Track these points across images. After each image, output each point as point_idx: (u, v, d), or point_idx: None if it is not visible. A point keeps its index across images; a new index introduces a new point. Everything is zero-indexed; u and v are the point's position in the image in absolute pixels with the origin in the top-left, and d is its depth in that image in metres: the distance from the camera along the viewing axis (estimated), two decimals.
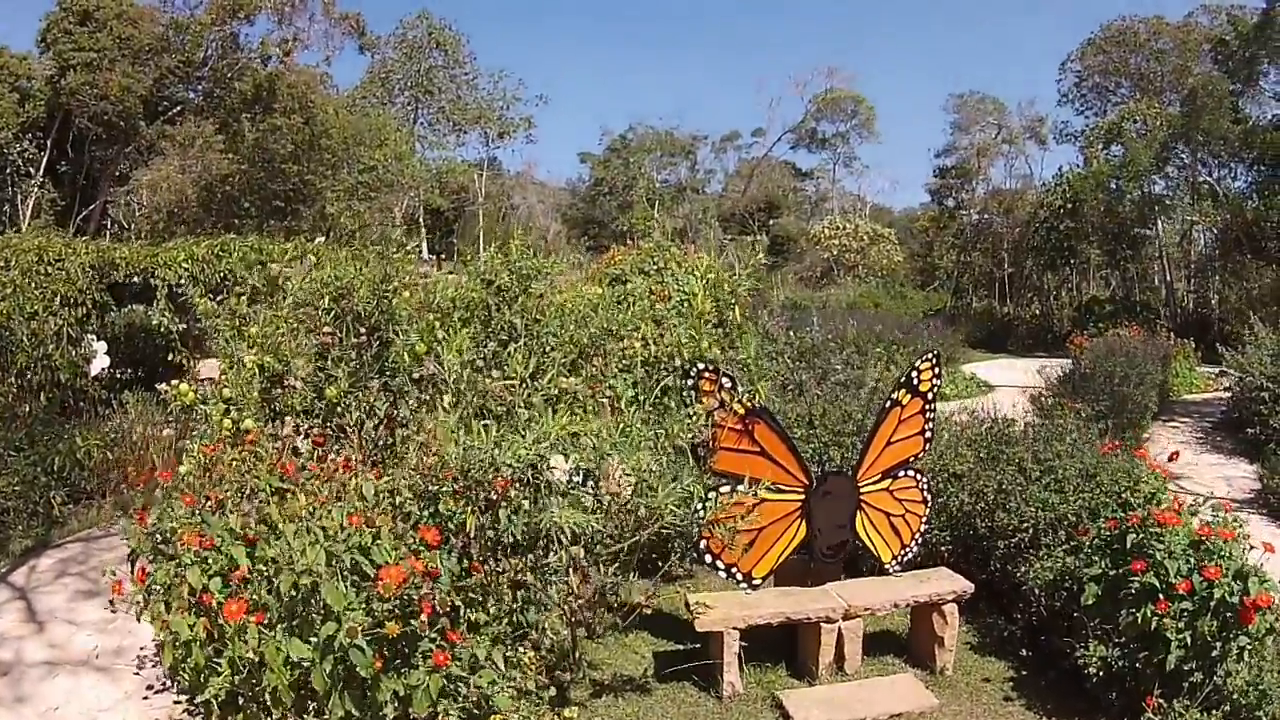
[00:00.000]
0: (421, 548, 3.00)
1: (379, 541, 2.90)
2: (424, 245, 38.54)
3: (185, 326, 11.21)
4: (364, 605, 2.81)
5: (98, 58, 22.67)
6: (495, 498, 3.06)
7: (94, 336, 11.09)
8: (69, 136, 24.50)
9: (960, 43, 73.27)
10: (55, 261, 11.08)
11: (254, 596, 3.06)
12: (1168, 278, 26.90)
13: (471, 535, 3.09)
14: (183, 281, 11.52)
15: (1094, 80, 31.03)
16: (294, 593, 2.82)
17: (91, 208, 25.41)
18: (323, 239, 13.84)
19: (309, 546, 2.87)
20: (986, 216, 34.14)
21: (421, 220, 37.66)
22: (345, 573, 2.80)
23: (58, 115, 23.84)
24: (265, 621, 3.00)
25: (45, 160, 24.16)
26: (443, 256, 36.52)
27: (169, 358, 11.76)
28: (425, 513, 3.13)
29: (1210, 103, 22.54)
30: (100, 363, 11.08)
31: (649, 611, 3.59)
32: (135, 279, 11.99)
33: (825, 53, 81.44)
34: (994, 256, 33.01)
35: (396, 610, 2.86)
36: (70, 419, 9.15)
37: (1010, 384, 16.28)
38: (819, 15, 73.97)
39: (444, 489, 3.07)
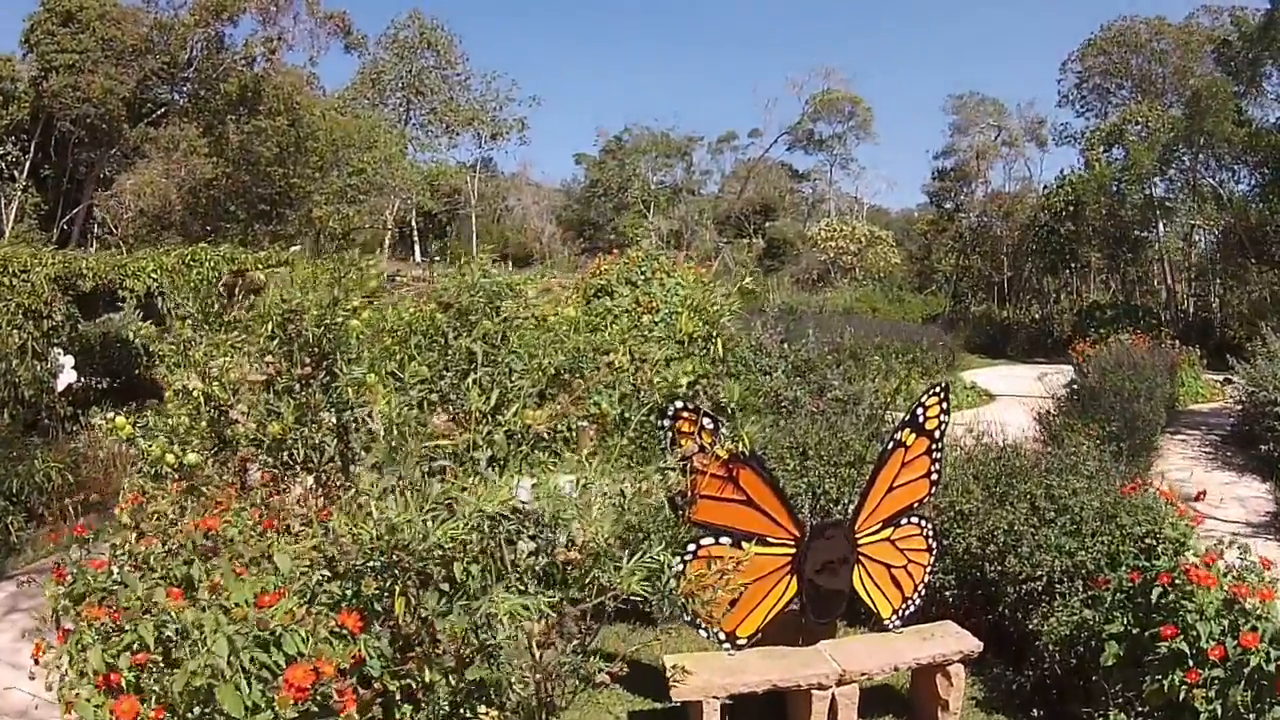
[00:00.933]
0: (344, 633, 2.59)
1: (292, 628, 2.49)
2: (416, 249, 38.11)
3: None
4: (270, 706, 2.39)
5: (80, 59, 22.21)
6: (429, 571, 2.65)
7: (60, 350, 10.65)
8: (52, 139, 24.06)
9: (960, 43, 73.00)
10: (20, 273, 10.66)
11: (154, 686, 2.64)
12: (1169, 281, 26.56)
13: (400, 621, 2.67)
14: (150, 291, 11.14)
15: (1094, 81, 30.73)
16: (190, 690, 2.41)
17: (75, 212, 24.96)
18: (298, 248, 13.41)
19: (211, 635, 2.45)
20: (986, 219, 33.78)
21: (414, 223, 37.20)
22: (250, 666, 2.40)
23: (41, 118, 23.39)
24: (166, 714, 2.59)
25: (29, 163, 23.70)
26: (436, 260, 36.10)
27: (136, 372, 11.27)
28: (347, 592, 2.71)
29: (1213, 105, 22.17)
30: (67, 377, 10.62)
31: (618, 685, 3.17)
32: (111, 287, 11.57)
33: (823, 52, 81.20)
34: (993, 260, 32.65)
35: (314, 710, 2.45)
36: (34, 437, 8.75)
37: (1011, 393, 15.88)
38: (818, 15, 73.59)
39: (371, 563, 2.65)
